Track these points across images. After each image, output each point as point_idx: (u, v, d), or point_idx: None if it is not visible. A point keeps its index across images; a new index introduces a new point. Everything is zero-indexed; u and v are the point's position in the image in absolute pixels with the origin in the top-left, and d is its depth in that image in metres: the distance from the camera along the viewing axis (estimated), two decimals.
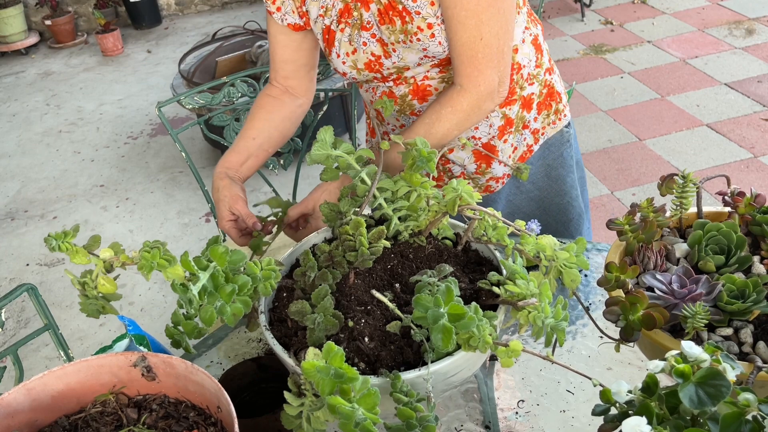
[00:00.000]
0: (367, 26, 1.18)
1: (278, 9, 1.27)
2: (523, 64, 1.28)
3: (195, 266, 0.83)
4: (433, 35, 1.14)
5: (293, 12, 1.26)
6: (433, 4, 1.11)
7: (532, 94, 1.32)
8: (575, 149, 1.47)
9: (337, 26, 1.21)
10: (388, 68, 1.22)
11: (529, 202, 1.46)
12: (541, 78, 1.34)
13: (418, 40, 1.15)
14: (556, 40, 4.62)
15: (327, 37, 1.24)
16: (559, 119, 1.41)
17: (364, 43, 1.20)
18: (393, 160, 1.14)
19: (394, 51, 1.18)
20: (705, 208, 1.05)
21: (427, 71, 1.22)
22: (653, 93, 3.81)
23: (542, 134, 1.39)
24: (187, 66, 3.58)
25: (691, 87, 3.82)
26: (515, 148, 1.36)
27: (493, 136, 1.31)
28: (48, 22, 5.63)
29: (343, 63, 1.24)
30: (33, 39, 5.74)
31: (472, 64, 1.12)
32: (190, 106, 1.93)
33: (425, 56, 1.18)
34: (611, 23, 4.77)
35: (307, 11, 1.25)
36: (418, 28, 1.13)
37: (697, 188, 1.02)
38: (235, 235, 1.24)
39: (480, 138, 1.30)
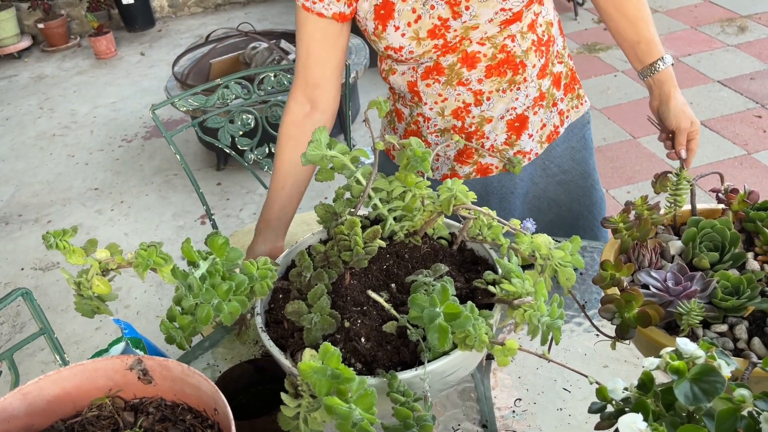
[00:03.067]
0: None
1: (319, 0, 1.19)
2: (555, 40, 1.34)
3: (196, 255, 0.83)
4: None
5: (338, 1, 1.19)
6: None
7: (560, 73, 1.39)
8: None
9: None
10: (454, 30, 1.19)
11: (555, 186, 1.48)
12: (566, 60, 1.41)
13: None
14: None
15: (382, 12, 1.19)
16: (581, 104, 1.49)
17: (432, 6, 1.17)
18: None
19: (467, 9, 1.17)
20: (699, 206, 1.05)
21: (485, 33, 1.21)
22: (647, 91, 3.82)
23: (567, 117, 1.44)
24: (180, 68, 3.57)
25: (684, 85, 3.83)
26: (544, 125, 1.39)
27: (528, 107, 1.33)
28: (41, 26, 5.61)
29: (403, 35, 1.20)
30: (26, 42, 5.72)
31: None
32: (185, 109, 1.93)
33: (501, 9, 1.18)
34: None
35: None
36: None
37: (690, 186, 1.02)
38: None
39: (516, 108, 1.32)
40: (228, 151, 1.93)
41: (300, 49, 1.26)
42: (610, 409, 0.71)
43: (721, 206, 1.04)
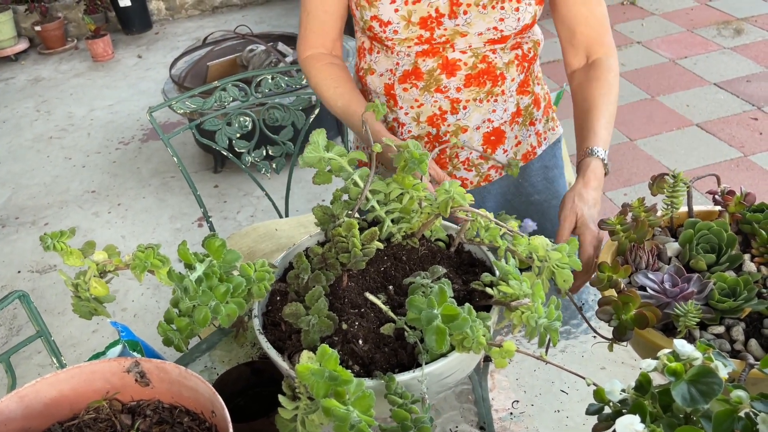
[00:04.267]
0: None
1: None
2: (537, 60, 1.34)
3: (192, 258, 0.83)
4: (518, 9, 1.17)
5: None
6: None
7: (538, 94, 1.37)
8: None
9: None
10: (444, 28, 1.18)
11: (527, 206, 1.47)
12: (542, 83, 1.41)
13: (502, 8, 1.16)
14: (547, 42, 4.61)
15: None
16: (556, 126, 1.48)
17: None
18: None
19: (465, 13, 1.16)
20: (696, 207, 1.05)
21: (470, 44, 1.20)
22: (643, 93, 3.83)
23: (545, 138, 1.44)
24: (178, 71, 3.57)
25: (681, 87, 3.84)
26: (519, 142, 1.38)
27: (505, 122, 1.33)
28: (38, 28, 5.60)
29: (396, 11, 1.17)
30: (23, 45, 5.71)
31: (608, 32, 1.28)
32: (182, 111, 1.92)
33: (494, 27, 1.18)
34: None
35: None
36: None
37: (687, 188, 1.02)
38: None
39: (493, 121, 1.31)
40: (225, 154, 1.93)
41: (312, 5, 1.29)
42: (607, 410, 0.71)
43: (718, 208, 1.04)
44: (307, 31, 1.33)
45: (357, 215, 1.00)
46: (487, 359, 1.10)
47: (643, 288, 0.92)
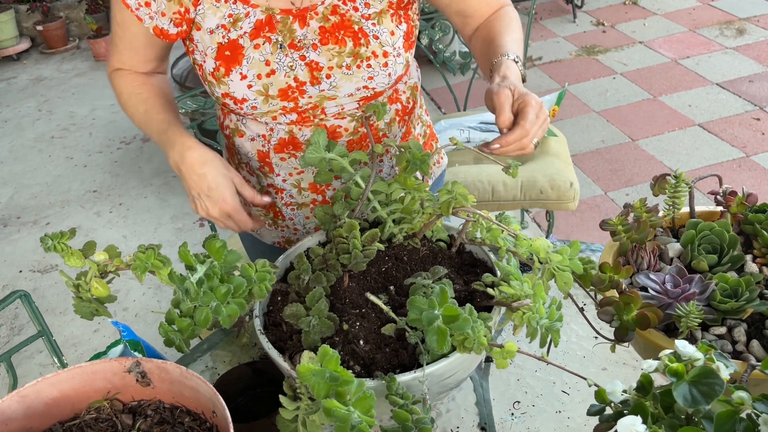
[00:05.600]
0: (298, 45, 1.04)
1: (147, 4, 1.03)
2: (417, 102, 1.25)
3: (193, 260, 0.83)
4: (386, 64, 1.07)
5: (163, 15, 1.04)
6: (393, 33, 1.06)
7: (419, 135, 1.30)
8: None
9: (250, 42, 1.03)
10: (309, 96, 1.07)
11: None
12: (424, 119, 1.32)
13: (368, 66, 1.06)
14: (548, 42, 4.64)
15: (227, 53, 1.04)
16: (441, 158, 1.39)
17: (291, 66, 1.04)
18: None
19: (328, 77, 1.05)
20: (697, 208, 1.05)
21: (342, 107, 1.10)
22: (645, 93, 3.83)
23: (432, 174, 1.35)
24: (179, 70, 3.57)
25: (683, 87, 3.84)
26: None
27: (393, 175, 1.23)
28: (39, 28, 5.61)
29: (249, 87, 1.04)
30: (24, 45, 5.72)
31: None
32: (183, 110, 1.93)
33: (365, 87, 1.08)
34: (603, 24, 4.79)
35: (194, 19, 1.05)
36: (373, 53, 1.05)
37: (689, 188, 1.02)
38: (249, 220, 1.08)
39: (383, 174, 1.23)
40: None
41: (119, 30, 1.10)
42: (609, 411, 0.71)
43: (720, 208, 1.04)
44: (119, 47, 1.14)
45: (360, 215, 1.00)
46: (488, 360, 1.10)
47: (644, 289, 0.91)
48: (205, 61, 1.06)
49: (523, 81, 1.02)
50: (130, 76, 1.17)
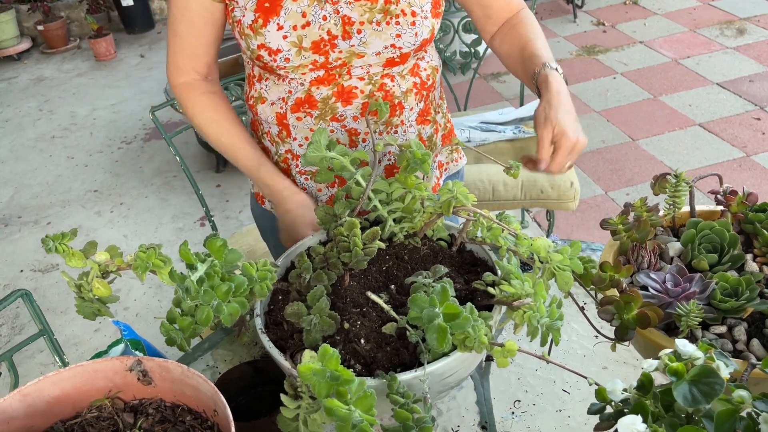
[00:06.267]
0: None
1: None
2: (437, 87, 1.29)
3: (193, 258, 0.83)
4: (414, 23, 1.12)
5: None
6: None
7: (438, 124, 1.32)
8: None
9: None
10: (339, 51, 1.12)
11: None
12: (444, 111, 1.35)
13: (397, 23, 1.11)
14: (548, 42, 4.63)
15: (267, 5, 1.09)
16: (460, 158, 1.42)
17: (324, 17, 1.09)
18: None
19: (359, 32, 1.10)
20: (698, 207, 1.05)
21: (368, 67, 1.15)
22: (646, 93, 3.83)
23: (446, 169, 1.38)
24: None
25: (684, 87, 3.84)
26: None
27: None
28: (40, 28, 5.61)
29: (285, 38, 1.10)
30: (25, 44, 5.72)
31: None
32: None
33: (392, 45, 1.13)
34: (603, 24, 4.79)
35: None
36: (402, 11, 1.11)
37: (689, 187, 1.02)
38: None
39: (394, 153, 1.24)
40: None
41: (185, 27, 1.20)
42: (609, 410, 0.71)
43: (720, 208, 1.04)
44: (177, 56, 1.25)
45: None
46: (489, 359, 1.10)
47: (645, 288, 0.92)
48: (244, 15, 1.12)
49: (566, 83, 1.11)
50: (199, 97, 1.24)
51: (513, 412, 1.02)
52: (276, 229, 1.33)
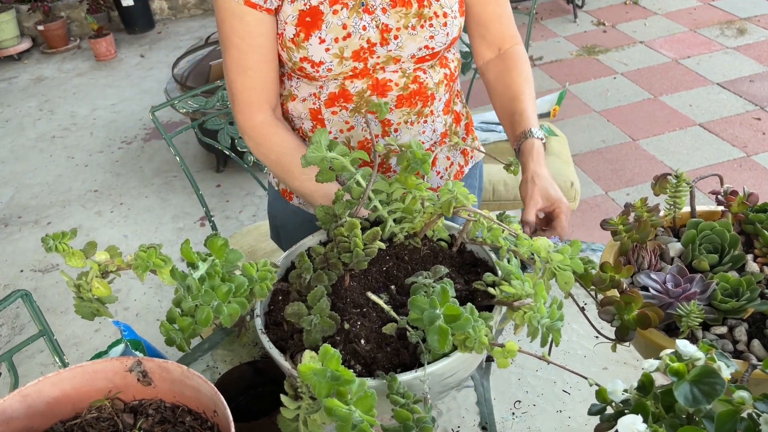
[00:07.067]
0: (371, 9, 1.12)
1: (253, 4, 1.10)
2: (457, 75, 1.32)
3: (195, 256, 0.83)
4: (445, 24, 1.17)
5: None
6: None
7: (459, 112, 1.36)
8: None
9: (330, 7, 1.11)
10: (378, 57, 1.15)
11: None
12: (462, 100, 1.39)
13: (431, 26, 1.16)
14: (548, 42, 4.64)
15: (308, 19, 1.11)
16: (480, 147, 1.47)
17: (364, 27, 1.13)
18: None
19: (396, 38, 1.15)
20: (698, 208, 1.05)
21: (401, 66, 1.19)
22: (646, 93, 3.83)
23: (471, 157, 1.42)
24: (180, 70, 3.57)
25: (684, 87, 3.83)
26: (451, 163, 1.37)
27: (435, 142, 1.30)
28: (40, 28, 5.61)
29: (327, 50, 1.12)
30: (25, 44, 5.72)
31: (514, 24, 1.32)
32: (184, 110, 1.93)
33: (426, 46, 1.17)
34: (603, 24, 4.78)
35: None
36: (435, 14, 1.15)
37: (690, 188, 1.02)
38: None
39: (424, 143, 1.28)
40: (228, 153, 1.93)
41: (254, 62, 1.15)
42: (609, 410, 0.71)
43: (721, 208, 1.04)
44: (248, 92, 1.19)
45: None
46: (489, 359, 1.10)
47: (645, 288, 0.91)
48: (285, 29, 1.13)
49: (544, 148, 1.20)
50: (286, 133, 1.21)
51: (513, 413, 1.02)
52: (298, 223, 1.36)
